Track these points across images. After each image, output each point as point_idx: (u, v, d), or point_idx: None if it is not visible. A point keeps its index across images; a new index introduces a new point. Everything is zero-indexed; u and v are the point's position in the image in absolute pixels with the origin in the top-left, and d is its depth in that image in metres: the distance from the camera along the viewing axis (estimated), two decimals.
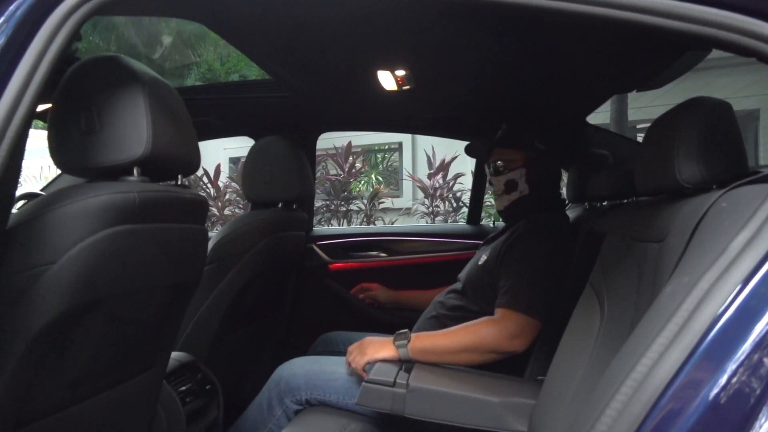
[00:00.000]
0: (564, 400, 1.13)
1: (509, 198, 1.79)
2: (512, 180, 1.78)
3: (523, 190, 1.77)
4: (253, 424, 1.63)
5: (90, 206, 0.86)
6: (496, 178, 1.81)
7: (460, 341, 1.48)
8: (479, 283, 1.67)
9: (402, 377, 1.35)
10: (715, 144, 0.93)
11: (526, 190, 1.77)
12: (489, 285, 1.63)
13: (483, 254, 1.73)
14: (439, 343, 1.50)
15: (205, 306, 1.74)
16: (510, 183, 1.78)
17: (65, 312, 0.85)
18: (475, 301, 1.66)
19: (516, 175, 1.77)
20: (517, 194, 1.78)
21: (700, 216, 0.81)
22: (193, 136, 1.09)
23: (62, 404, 0.94)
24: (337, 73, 1.83)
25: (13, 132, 0.75)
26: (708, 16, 0.76)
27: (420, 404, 1.31)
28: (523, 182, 1.77)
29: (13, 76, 0.76)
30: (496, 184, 1.82)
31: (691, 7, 0.77)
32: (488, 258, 1.68)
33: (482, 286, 1.66)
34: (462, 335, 1.49)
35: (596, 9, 0.79)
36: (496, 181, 1.82)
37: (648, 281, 0.97)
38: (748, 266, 0.61)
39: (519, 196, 1.78)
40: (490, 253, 1.69)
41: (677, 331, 0.61)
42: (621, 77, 1.89)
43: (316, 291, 2.52)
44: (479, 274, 1.69)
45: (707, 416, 0.59)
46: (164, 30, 7.42)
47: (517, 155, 1.78)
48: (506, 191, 1.79)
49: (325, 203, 7.15)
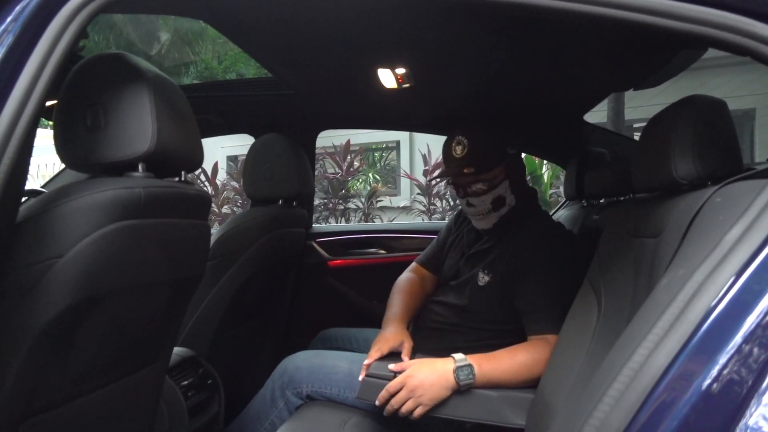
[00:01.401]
0: (561, 394, 1.15)
1: (498, 215, 1.61)
2: (500, 196, 1.60)
3: (511, 201, 1.62)
4: (256, 414, 1.65)
5: (96, 201, 0.87)
6: (478, 199, 1.60)
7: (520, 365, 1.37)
8: (482, 305, 1.57)
9: None
10: (711, 141, 0.94)
11: (513, 201, 1.62)
12: (496, 306, 1.54)
13: (479, 272, 1.59)
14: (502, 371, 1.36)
15: (206, 302, 1.76)
16: (498, 200, 1.60)
17: (72, 305, 0.86)
18: (480, 322, 1.58)
19: (502, 189, 1.60)
20: (506, 209, 1.61)
21: (695, 211, 0.83)
22: (196, 133, 1.10)
23: (68, 397, 0.96)
24: (338, 71, 1.84)
25: (22, 128, 0.77)
26: (703, 16, 0.78)
27: None
28: (510, 194, 1.61)
29: (22, 74, 0.77)
30: (480, 205, 1.60)
31: (687, 6, 0.78)
32: (492, 280, 1.56)
33: (487, 308, 1.56)
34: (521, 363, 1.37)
35: (594, 8, 0.81)
36: (478, 201, 1.60)
37: (644, 276, 0.99)
38: (742, 258, 0.63)
39: (508, 209, 1.62)
40: (491, 274, 1.57)
41: (673, 321, 0.63)
42: (618, 76, 1.91)
43: (316, 288, 2.54)
44: (482, 297, 1.57)
45: (700, 405, 0.61)
46: (161, 28, 7.41)
47: (498, 170, 1.59)
48: (494, 209, 1.60)
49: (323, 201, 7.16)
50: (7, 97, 0.76)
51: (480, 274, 1.58)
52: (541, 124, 2.45)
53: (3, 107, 0.76)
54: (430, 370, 1.33)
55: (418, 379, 1.31)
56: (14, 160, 0.75)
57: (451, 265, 1.77)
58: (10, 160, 0.75)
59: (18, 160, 0.76)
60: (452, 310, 1.63)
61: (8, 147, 0.75)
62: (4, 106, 0.76)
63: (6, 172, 0.74)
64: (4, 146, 0.75)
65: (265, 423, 1.61)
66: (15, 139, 0.75)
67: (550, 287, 1.47)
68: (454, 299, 1.64)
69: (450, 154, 1.60)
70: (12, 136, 0.75)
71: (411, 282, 1.83)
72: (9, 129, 0.76)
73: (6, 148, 0.75)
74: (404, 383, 1.32)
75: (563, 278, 1.48)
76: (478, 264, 1.63)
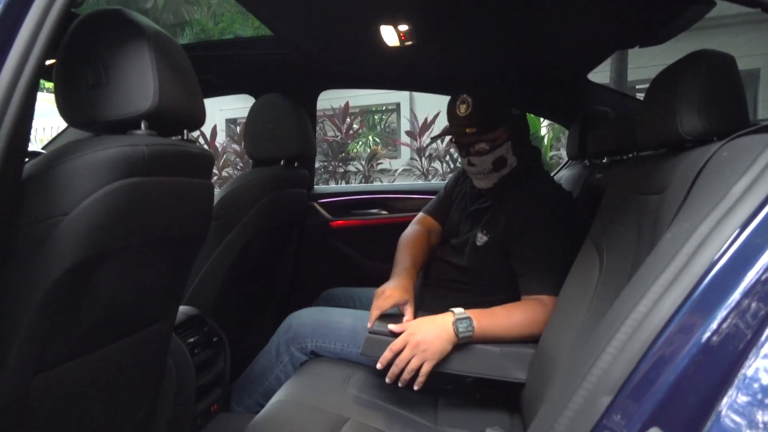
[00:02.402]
0: (563, 349, 1.17)
1: (498, 175, 1.62)
2: (501, 157, 1.60)
3: (512, 162, 1.62)
4: (261, 369, 1.69)
5: (100, 159, 0.87)
6: (479, 158, 1.60)
7: (516, 324, 1.39)
8: (480, 265, 1.60)
9: None
10: (717, 96, 0.94)
11: (515, 162, 1.62)
12: (494, 267, 1.56)
13: (477, 233, 1.61)
14: (498, 327, 1.38)
15: (210, 262, 1.77)
16: (499, 160, 1.60)
17: (79, 262, 0.87)
18: (479, 281, 1.60)
19: (503, 150, 1.60)
20: (507, 169, 1.62)
21: (701, 166, 0.82)
22: (198, 91, 1.09)
23: (78, 352, 0.97)
24: (339, 28, 1.81)
25: (23, 86, 0.76)
26: None
27: None
28: (511, 155, 1.61)
29: (20, 31, 0.76)
30: (481, 164, 1.61)
31: None
32: (489, 240, 1.58)
33: (485, 268, 1.58)
34: (516, 323, 1.39)
35: None
36: (479, 161, 1.60)
37: (647, 232, 1.00)
38: (747, 212, 0.63)
39: (509, 170, 1.62)
40: (490, 234, 1.58)
41: (677, 273, 0.64)
42: (623, 32, 1.88)
43: (318, 248, 2.56)
44: (480, 257, 1.59)
45: (700, 357, 0.62)
46: None
47: (500, 131, 1.59)
48: (495, 169, 1.61)
49: (323, 164, 7.14)
50: (7, 54, 0.76)
51: (478, 234, 1.60)
52: (545, 83, 2.43)
53: (3, 65, 0.76)
54: (430, 325, 1.35)
55: (420, 335, 1.33)
56: (17, 118, 0.75)
57: (453, 220, 1.78)
58: (13, 116, 0.74)
59: (20, 118, 0.75)
60: (453, 269, 1.66)
61: (10, 104, 0.75)
62: (4, 63, 0.76)
63: (9, 128, 0.74)
64: (6, 104, 0.75)
65: (270, 377, 1.65)
66: (17, 96, 0.75)
67: (546, 248, 1.48)
68: (455, 259, 1.66)
69: (454, 113, 1.60)
70: (14, 94, 0.75)
71: (417, 235, 1.81)
72: (10, 86, 0.75)
73: (8, 107, 0.75)
74: (407, 341, 1.33)
75: (560, 240, 1.49)
76: (476, 224, 1.64)
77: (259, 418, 1.33)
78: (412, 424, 1.34)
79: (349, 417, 1.31)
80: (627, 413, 0.61)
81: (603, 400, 0.62)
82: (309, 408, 1.35)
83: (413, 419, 1.36)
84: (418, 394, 1.35)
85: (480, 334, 1.35)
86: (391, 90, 6.49)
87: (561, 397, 0.68)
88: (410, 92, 8.95)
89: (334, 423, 1.28)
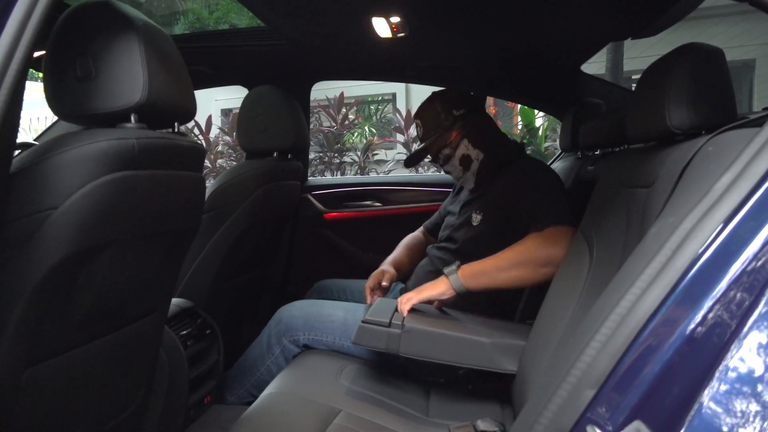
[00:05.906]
0: (552, 341, 1.18)
1: (472, 171, 1.75)
2: (464, 155, 1.73)
3: (478, 156, 1.73)
4: (252, 361, 1.70)
5: (89, 152, 0.87)
6: (449, 166, 1.77)
7: (509, 258, 1.45)
8: (472, 246, 1.65)
9: (397, 318, 1.40)
10: (705, 90, 0.94)
11: (481, 155, 1.73)
12: (487, 247, 1.56)
13: (472, 213, 1.69)
14: (488, 264, 1.47)
15: (203, 254, 1.77)
16: (464, 159, 1.73)
17: (68, 257, 0.87)
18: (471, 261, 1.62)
19: (463, 149, 1.73)
20: (476, 164, 1.73)
21: (687, 160, 0.83)
22: (188, 83, 1.09)
23: (69, 345, 0.98)
24: (331, 20, 1.81)
25: (11, 77, 0.75)
26: None
27: (414, 344, 1.36)
28: (473, 149, 1.73)
29: (8, 21, 0.76)
30: (454, 170, 1.77)
31: None
32: (484, 218, 1.66)
33: (478, 249, 1.60)
34: (510, 252, 1.46)
35: None
36: (451, 167, 1.77)
37: (636, 225, 1.00)
38: (730, 206, 0.64)
39: (479, 163, 1.73)
40: (483, 211, 1.67)
41: (660, 269, 0.64)
42: (616, 24, 1.88)
43: (312, 240, 2.56)
44: (473, 236, 1.67)
45: (684, 349, 0.62)
46: None
47: (448, 133, 1.73)
48: (465, 168, 1.74)
49: (318, 155, 7.11)
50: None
51: (473, 215, 1.69)
52: (537, 74, 2.43)
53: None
54: (426, 285, 1.51)
55: (418, 289, 1.50)
56: (4, 110, 0.74)
57: (449, 220, 1.86)
58: (0, 108, 0.74)
59: (8, 110, 0.75)
60: (448, 253, 1.73)
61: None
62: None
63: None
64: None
65: (261, 368, 1.66)
66: (5, 88, 0.74)
67: (545, 193, 1.57)
68: (450, 244, 1.75)
69: (418, 137, 1.82)
70: (1, 85, 0.74)
71: (414, 237, 2.06)
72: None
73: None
74: (409, 296, 1.47)
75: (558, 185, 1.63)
76: (470, 209, 1.73)
77: (251, 409, 1.33)
78: (404, 416, 1.35)
79: (341, 409, 1.32)
80: (611, 406, 0.62)
81: (587, 394, 0.63)
82: (301, 400, 1.36)
83: (405, 411, 1.37)
84: (410, 385, 1.36)
85: (468, 272, 1.46)
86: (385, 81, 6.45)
87: (546, 390, 0.69)
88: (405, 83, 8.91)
89: (326, 415, 1.29)
